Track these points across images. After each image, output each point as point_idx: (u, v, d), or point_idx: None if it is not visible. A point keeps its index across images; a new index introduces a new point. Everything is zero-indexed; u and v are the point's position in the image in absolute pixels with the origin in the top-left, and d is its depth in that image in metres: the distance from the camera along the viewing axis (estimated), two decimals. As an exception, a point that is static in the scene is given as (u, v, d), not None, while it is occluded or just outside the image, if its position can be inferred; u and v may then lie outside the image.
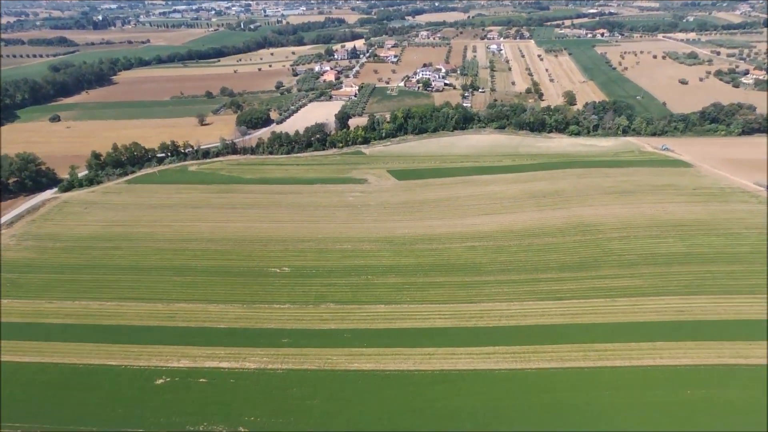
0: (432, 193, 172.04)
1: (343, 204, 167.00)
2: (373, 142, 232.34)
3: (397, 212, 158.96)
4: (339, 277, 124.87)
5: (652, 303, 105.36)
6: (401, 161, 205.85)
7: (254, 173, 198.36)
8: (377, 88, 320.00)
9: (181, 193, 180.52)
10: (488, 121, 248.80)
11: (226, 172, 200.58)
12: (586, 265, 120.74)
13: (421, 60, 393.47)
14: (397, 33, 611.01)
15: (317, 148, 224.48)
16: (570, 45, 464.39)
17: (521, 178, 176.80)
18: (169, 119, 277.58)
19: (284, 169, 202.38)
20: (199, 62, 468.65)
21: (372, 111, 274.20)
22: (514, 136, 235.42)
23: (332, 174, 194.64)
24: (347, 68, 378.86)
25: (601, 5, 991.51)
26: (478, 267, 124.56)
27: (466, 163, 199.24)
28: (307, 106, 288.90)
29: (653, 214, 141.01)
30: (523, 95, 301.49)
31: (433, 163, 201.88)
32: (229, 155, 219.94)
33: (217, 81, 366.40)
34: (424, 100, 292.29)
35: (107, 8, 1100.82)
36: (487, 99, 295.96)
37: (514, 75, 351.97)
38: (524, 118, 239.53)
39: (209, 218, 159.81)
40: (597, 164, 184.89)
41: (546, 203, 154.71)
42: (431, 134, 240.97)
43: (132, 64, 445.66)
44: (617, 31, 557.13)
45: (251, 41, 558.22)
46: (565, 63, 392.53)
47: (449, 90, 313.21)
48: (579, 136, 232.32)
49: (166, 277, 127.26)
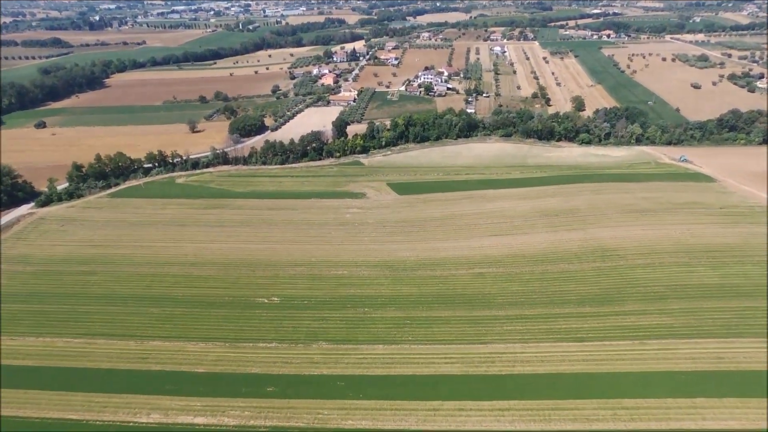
0: (435, 209, 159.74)
1: (339, 222, 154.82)
2: (373, 151, 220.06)
3: (397, 231, 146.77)
4: (333, 309, 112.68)
5: (686, 347, 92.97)
6: (402, 173, 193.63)
7: (245, 186, 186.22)
8: (377, 92, 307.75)
9: (166, 209, 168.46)
10: (494, 129, 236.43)
11: (215, 184, 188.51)
12: (609, 299, 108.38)
13: (423, 62, 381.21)
14: (397, 34, 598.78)
15: (313, 158, 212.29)
16: (576, 47, 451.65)
17: (531, 194, 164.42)
18: (160, 126, 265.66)
19: (277, 181, 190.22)
20: (195, 64, 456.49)
21: (371, 117, 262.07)
22: (521, 145, 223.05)
23: (328, 187, 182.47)
24: (346, 71, 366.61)
25: (605, 5, 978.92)
26: (488, 299, 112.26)
27: (471, 176, 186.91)
28: (303, 111, 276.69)
29: (679, 238, 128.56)
30: (529, 100, 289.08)
31: (435, 175, 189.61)
32: (219, 166, 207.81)
33: (212, 84, 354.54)
34: (426, 106, 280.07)
35: (106, 8, 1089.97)
36: (491, 104, 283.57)
37: (519, 78, 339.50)
38: (532, 126, 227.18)
39: (194, 238, 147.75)
40: (613, 178, 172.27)
41: (559, 223, 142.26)
42: (434, 143, 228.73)
43: (126, 66, 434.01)
44: (623, 33, 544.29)
45: (249, 43, 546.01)
46: (571, 66, 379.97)
47: (452, 94, 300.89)
48: (590, 145, 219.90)
49: (143, 309, 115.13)
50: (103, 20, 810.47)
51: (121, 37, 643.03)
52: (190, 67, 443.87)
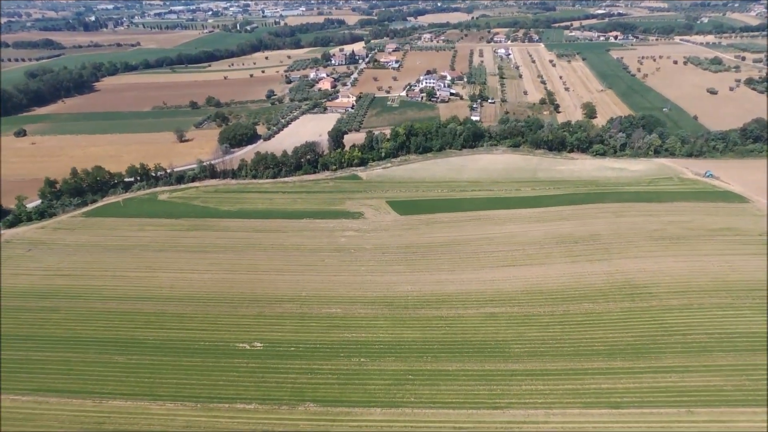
0: (439, 233, 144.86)
1: (333, 247, 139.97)
2: (371, 163, 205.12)
3: (398, 259, 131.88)
4: (324, 358, 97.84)
5: (742, 417, 78.04)
6: (403, 189, 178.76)
7: (233, 203, 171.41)
8: (377, 98, 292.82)
9: (144, 231, 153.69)
10: (501, 139, 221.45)
11: (200, 201, 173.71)
12: (643, 349, 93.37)
13: (425, 66, 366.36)
14: (398, 35, 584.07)
15: (307, 171, 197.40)
16: (583, 49, 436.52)
17: (545, 215, 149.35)
18: (147, 134, 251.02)
19: (268, 198, 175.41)
20: (189, 67, 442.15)
21: (371, 125, 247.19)
22: (530, 157, 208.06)
23: (323, 205, 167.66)
24: (345, 75, 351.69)
25: (609, 5, 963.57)
26: (502, 347, 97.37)
27: (478, 193, 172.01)
28: (299, 119, 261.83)
29: (717, 273, 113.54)
30: (537, 107, 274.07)
31: (439, 192, 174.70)
32: (206, 180, 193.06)
33: (205, 88, 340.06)
34: (429, 113, 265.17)
35: (103, 9, 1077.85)
36: (497, 111, 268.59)
37: (526, 83, 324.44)
38: (541, 136, 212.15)
39: (173, 265, 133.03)
40: (634, 197, 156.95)
41: (579, 252, 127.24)
42: (437, 154, 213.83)
43: (117, 69, 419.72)
44: (631, 34, 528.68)
45: (245, 44, 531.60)
46: (579, 69, 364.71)
47: (455, 100, 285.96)
48: (604, 157, 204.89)
49: (106, 356, 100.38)
50: (99, 21, 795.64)
51: (115, 38, 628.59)
52: (184, 69, 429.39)
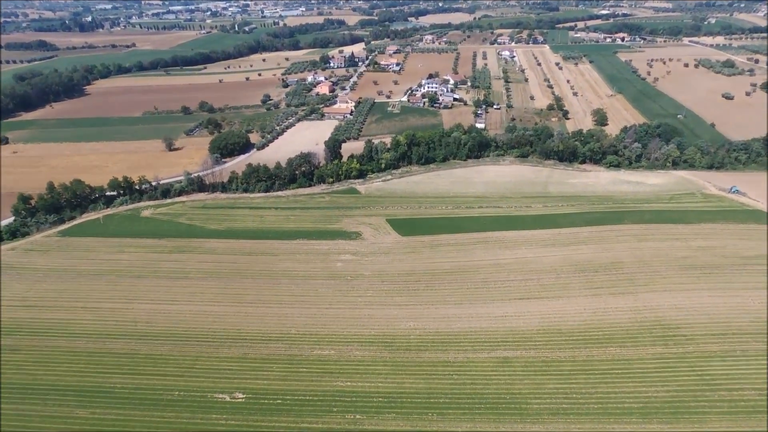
0: (444, 257, 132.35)
1: (328, 273, 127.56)
2: (371, 175, 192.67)
3: (399, 289, 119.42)
4: (314, 414, 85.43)
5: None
6: (404, 205, 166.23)
7: (221, 221, 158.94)
8: (377, 103, 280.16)
9: (123, 252, 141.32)
10: (508, 148, 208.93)
11: (186, 219, 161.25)
12: (683, 409, 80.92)
13: (426, 69, 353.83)
14: (399, 36, 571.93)
15: (302, 184, 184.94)
16: (589, 51, 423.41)
17: (561, 238, 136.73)
18: (135, 142, 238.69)
19: (259, 215, 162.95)
20: (184, 69, 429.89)
21: (370, 133, 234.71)
22: (540, 168, 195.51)
23: (318, 224, 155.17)
24: (344, 78, 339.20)
25: (613, 5, 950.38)
26: (518, 402, 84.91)
27: (485, 210, 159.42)
28: (295, 126, 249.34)
29: (758, 310, 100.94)
30: (545, 113, 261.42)
31: (443, 208, 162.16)
32: (194, 193, 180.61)
33: (198, 92, 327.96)
34: (431, 119, 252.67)
35: (101, 9, 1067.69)
36: (503, 117, 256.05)
37: (532, 87, 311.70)
38: (552, 146, 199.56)
39: (151, 295, 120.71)
40: (656, 217, 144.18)
41: (601, 282, 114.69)
42: (440, 165, 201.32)
43: (110, 71, 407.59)
44: (638, 35, 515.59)
45: (243, 45, 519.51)
46: (587, 72, 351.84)
47: (459, 106, 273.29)
48: (619, 169, 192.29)
49: (66, 409, 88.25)
50: (95, 21, 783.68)
51: (111, 39, 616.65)
52: (178, 72, 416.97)
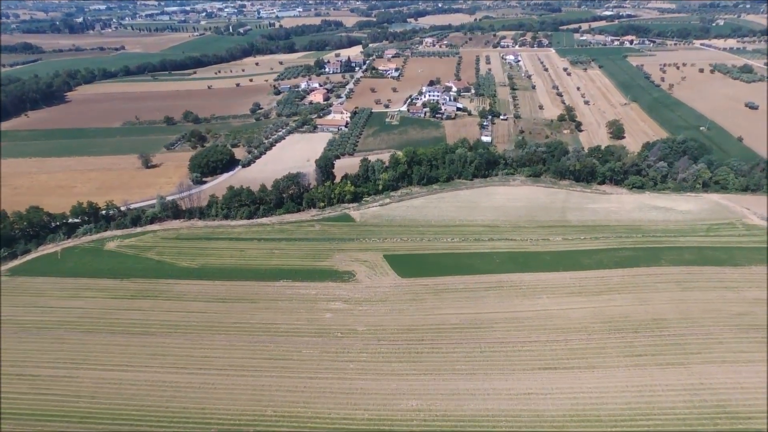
0: (451, 307, 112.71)
1: (314, 329, 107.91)
2: (367, 198, 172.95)
3: (398, 352, 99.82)
4: None
5: None
6: (404, 236, 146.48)
7: (195, 256, 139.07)
8: (374, 113, 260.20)
9: (78, 297, 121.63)
10: (518, 166, 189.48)
11: (156, 253, 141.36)
12: None
13: (427, 74, 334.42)
14: (398, 38, 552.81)
15: (290, 209, 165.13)
16: (597, 55, 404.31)
17: (588, 284, 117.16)
18: (111, 157, 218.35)
19: (239, 248, 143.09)
20: (173, 74, 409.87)
21: (367, 148, 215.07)
22: (555, 190, 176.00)
23: (305, 260, 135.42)
24: (339, 85, 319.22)
25: (616, 6, 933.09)
26: None
27: (496, 243, 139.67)
28: (285, 139, 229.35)
29: None
30: (556, 124, 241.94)
31: (448, 241, 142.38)
32: (168, 220, 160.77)
33: (185, 100, 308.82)
34: (433, 132, 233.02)
35: (95, 9, 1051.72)
36: (511, 129, 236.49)
37: (540, 95, 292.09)
38: (567, 165, 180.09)
39: (102, 357, 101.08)
40: (697, 258, 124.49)
41: (643, 348, 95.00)
42: (443, 185, 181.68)
43: (94, 76, 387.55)
44: (646, 38, 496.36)
45: (236, 48, 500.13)
46: (597, 78, 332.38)
47: (463, 116, 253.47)
48: (643, 191, 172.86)
49: None
50: (86, 23, 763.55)
51: (101, 41, 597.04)
52: (166, 77, 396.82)
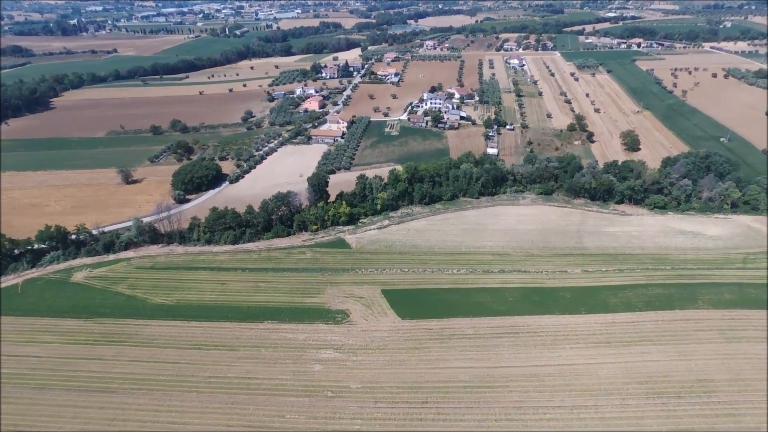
0: (459, 358, 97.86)
1: (301, 384, 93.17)
2: (364, 219, 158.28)
3: (398, 417, 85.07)
4: None
5: None
6: (404, 265, 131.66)
7: (171, 290, 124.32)
8: (373, 122, 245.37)
9: (33, 343, 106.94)
10: (528, 183, 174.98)
11: (127, 286, 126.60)
12: None
13: (428, 79, 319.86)
14: (398, 41, 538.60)
15: (279, 233, 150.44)
16: (604, 58, 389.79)
17: (616, 330, 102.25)
18: (89, 172, 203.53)
19: (221, 280, 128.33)
20: (164, 78, 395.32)
21: (364, 161, 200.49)
22: (569, 210, 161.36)
23: (294, 295, 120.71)
24: (336, 91, 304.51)
25: (619, 8, 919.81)
26: None
27: (508, 275, 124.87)
28: (277, 151, 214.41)
29: None
30: (565, 134, 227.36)
31: (454, 272, 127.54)
32: (145, 246, 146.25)
33: (175, 107, 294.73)
34: (435, 143, 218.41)
35: (92, 10, 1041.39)
36: (518, 140, 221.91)
37: (548, 102, 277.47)
38: (581, 182, 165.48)
39: (50, 423, 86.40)
40: (739, 298, 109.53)
41: (689, 419, 79.80)
42: (447, 204, 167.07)
43: (83, 81, 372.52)
44: (654, 41, 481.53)
45: (231, 52, 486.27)
46: (606, 84, 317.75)
47: (467, 126, 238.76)
48: (666, 212, 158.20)
49: None
50: (80, 25, 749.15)
51: (93, 43, 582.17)
52: (158, 82, 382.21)
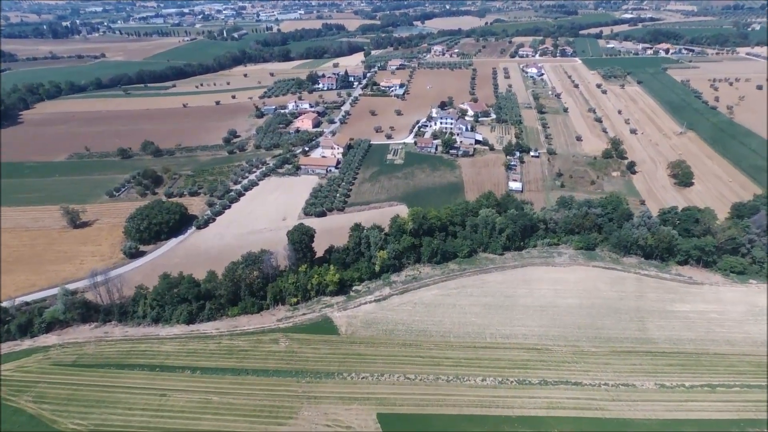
0: None
1: None
2: (357, 286, 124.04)
3: None
4: None
5: None
6: (409, 367, 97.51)
7: (90, 406, 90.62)
8: (374, 147, 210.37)
9: None
10: (564, 233, 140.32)
11: (34, 397, 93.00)
12: None
13: (437, 92, 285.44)
14: (403, 45, 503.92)
15: (248, 308, 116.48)
16: (631, 66, 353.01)
17: None
18: (35, 209, 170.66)
19: (161, 387, 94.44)
20: (149, 87, 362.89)
21: (361, 199, 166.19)
22: (620, 274, 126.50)
23: (256, 421, 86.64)
24: (334, 105, 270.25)
25: (635, 8, 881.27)
26: None
27: (552, 394, 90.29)
28: (258, 185, 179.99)
29: None
30: (601, 162, 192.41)
31: (477, 383, 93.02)
32: (75, 325, 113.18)
33: (154, 122, 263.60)
34: (447, 175, 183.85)
35: (92, 11, 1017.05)
36: (544, 170, 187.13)
37: (575, 120, 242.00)
38: (634, 237, 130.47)
39: None
40: None
41: None
42: (464, 263, 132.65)
43: (60, 91, 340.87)
44: (681, 46, 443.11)
45: (225, 57, 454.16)
46: (638, 97, 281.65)
47: (484, 152, 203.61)
48: (746, 278, 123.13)
49: None
50: (72, 27, 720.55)
51: (82, 47, 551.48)
52: (141, 92, 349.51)
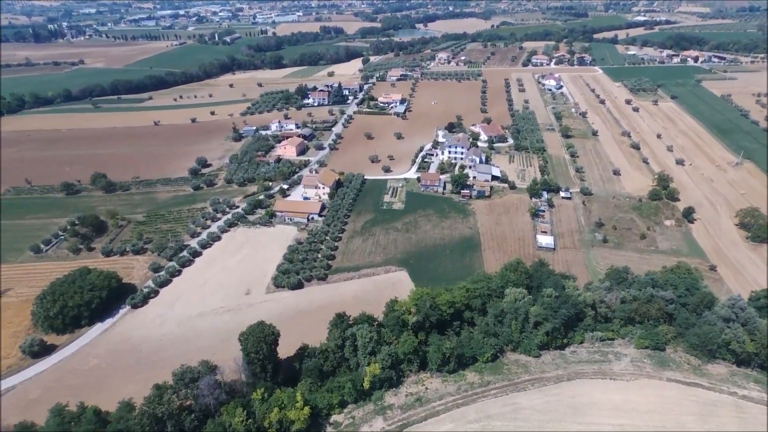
0: None
1: None
2: (337, 416, 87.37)
3: None
4: None
5: None
6: None
7: None
8: (368, 184, 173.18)
9: None
10: (622, 324, 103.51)
11: None
12: None
13: (443, 108, 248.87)
14: (405, 50, 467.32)
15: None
16: (659, 77, 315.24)
17: None
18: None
19: None
20: (122, 100, 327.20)
21: (349, 263, 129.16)
22: (708, 395, 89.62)
23: None
24: (324, 126, 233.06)
25: (646, 10, 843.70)
26: None
27: None
28: (221, 239, 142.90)
29: None
30: (647, 206, 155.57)
31: None
32: None
33: (116, 144, 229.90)
34: (458, 225, 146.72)
35: (85, 13, 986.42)
36: (579, 217, 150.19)
37: (607, 147, 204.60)
38: (724, 339, 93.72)
39: None
40: None
41: None
42: (487, 371, 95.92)
43: (23, 104, 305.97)
44: (710, 53, 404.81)
45: (212, 65, 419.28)
46: (677, 117, 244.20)
47: (503, 192, 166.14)
48: None
49: None
50: (57, 30, 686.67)
51: (62, 53, 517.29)
52: (112, 105, 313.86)
